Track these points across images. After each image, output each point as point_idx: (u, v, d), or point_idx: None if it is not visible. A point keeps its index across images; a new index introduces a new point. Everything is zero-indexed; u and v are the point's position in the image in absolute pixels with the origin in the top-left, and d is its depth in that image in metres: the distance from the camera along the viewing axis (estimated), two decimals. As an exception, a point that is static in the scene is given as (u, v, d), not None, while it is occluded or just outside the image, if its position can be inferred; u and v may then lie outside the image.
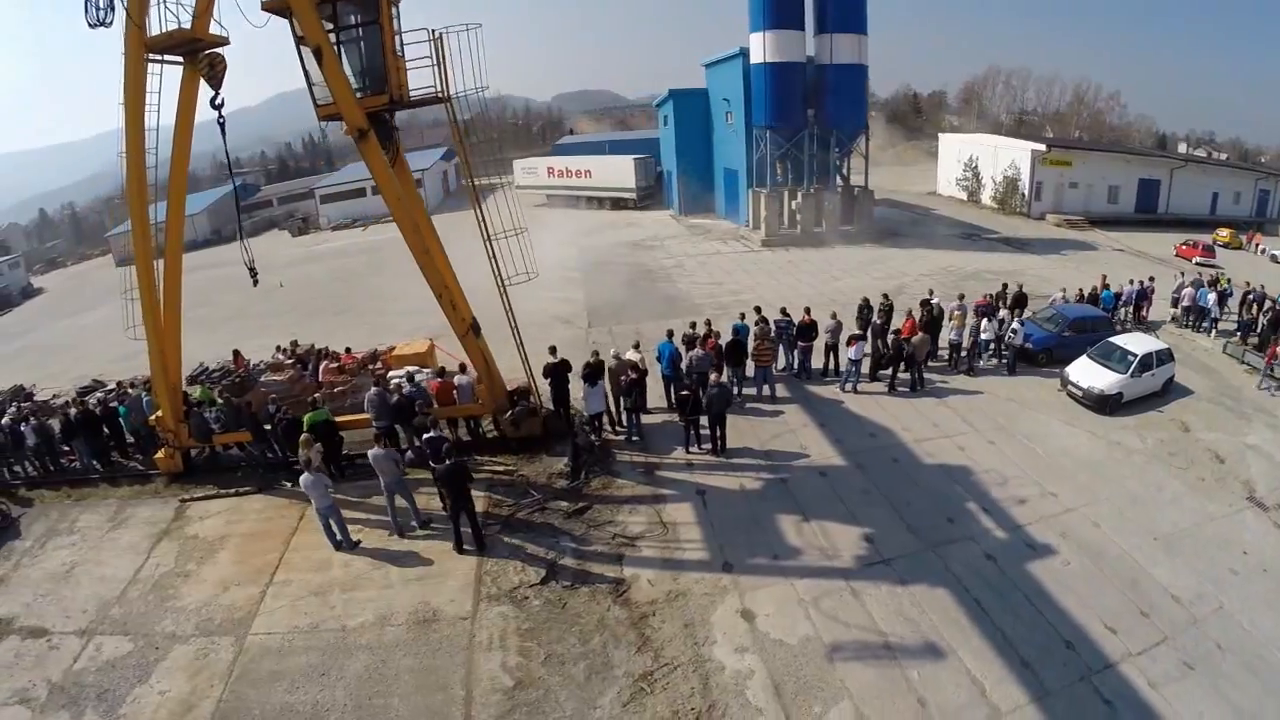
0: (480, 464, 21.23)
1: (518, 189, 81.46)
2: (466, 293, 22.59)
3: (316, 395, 24.84)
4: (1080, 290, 30.86)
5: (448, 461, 16.99)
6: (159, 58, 19.47)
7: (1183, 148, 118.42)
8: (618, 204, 69.16)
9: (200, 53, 19.63)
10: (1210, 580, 15.33)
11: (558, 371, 21.99)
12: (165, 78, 19.70)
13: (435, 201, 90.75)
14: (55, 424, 26.78)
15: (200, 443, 23.92)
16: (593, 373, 21.43)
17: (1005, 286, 29.94)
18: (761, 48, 48.23)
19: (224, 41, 19.50)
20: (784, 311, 25.75)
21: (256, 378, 29.14)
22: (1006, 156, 61.03)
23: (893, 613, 14.37)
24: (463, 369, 22.90)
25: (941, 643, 13.62)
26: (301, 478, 17.99)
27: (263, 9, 19.36)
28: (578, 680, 13.70)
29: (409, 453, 21.15)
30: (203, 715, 14.06)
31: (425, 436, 19.31)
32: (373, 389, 22.18)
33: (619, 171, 68.97)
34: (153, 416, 24.50)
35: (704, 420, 20.69)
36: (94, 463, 25.50)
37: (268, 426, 22.86)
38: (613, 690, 13.35)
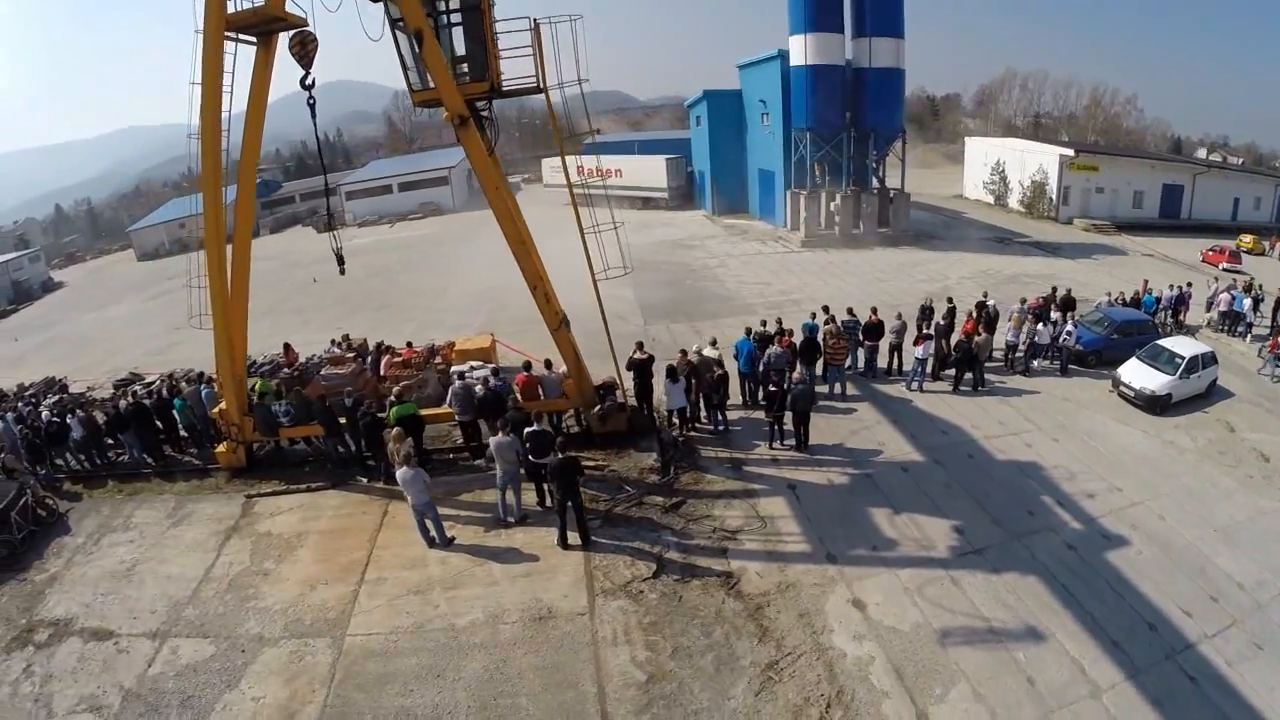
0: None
1: (546, 187, 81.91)
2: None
3: (402, 386, 24.49)
4: (1122, 294, 31.49)
5: (558, 455, 16.97)
6: (234, 36, 19.38)
7: (1201, 153, 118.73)
8: (648, 203, 69.42)
9: (274, 32, 19.79)
10: (1269, 569, 15.96)
11: (644, 367, 22.09)
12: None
13: (463, 200, 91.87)
14: (100, 416, 26.58)
15: (265, 437, 23.61)
16: (675, 368, 21.62)
17: (1054, 290, 30.45)
18: (802, 50, 48.59)
19: (302, 21, 19.35)
20: (850, 311, 26.28)
21: (312, 371, 29.11)
22: (1034, 161, 61.39)
23: (991, 599, 14.82)
24: (548, 365, 22.70)
25: (1039, 626, 14.11)
26: (399, 473, 17.70)
27: None
28: (708, 672, 13.75)
29: (490, 448, 21.07)
30: (307, 722, 13.96)
31: (528, 431, 18.78)
32: (457, 383, 22.05)
33: (651, 171, 69.28)
34: (215, 409, 24.24)
35: (787, 417, 21.08)
36: (145, 457, 25.19)
37: (342, 420, 22.47)
38: (743, 681, 13.47)
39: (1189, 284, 32.73)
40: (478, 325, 37.61)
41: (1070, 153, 58.61)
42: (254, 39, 19.70)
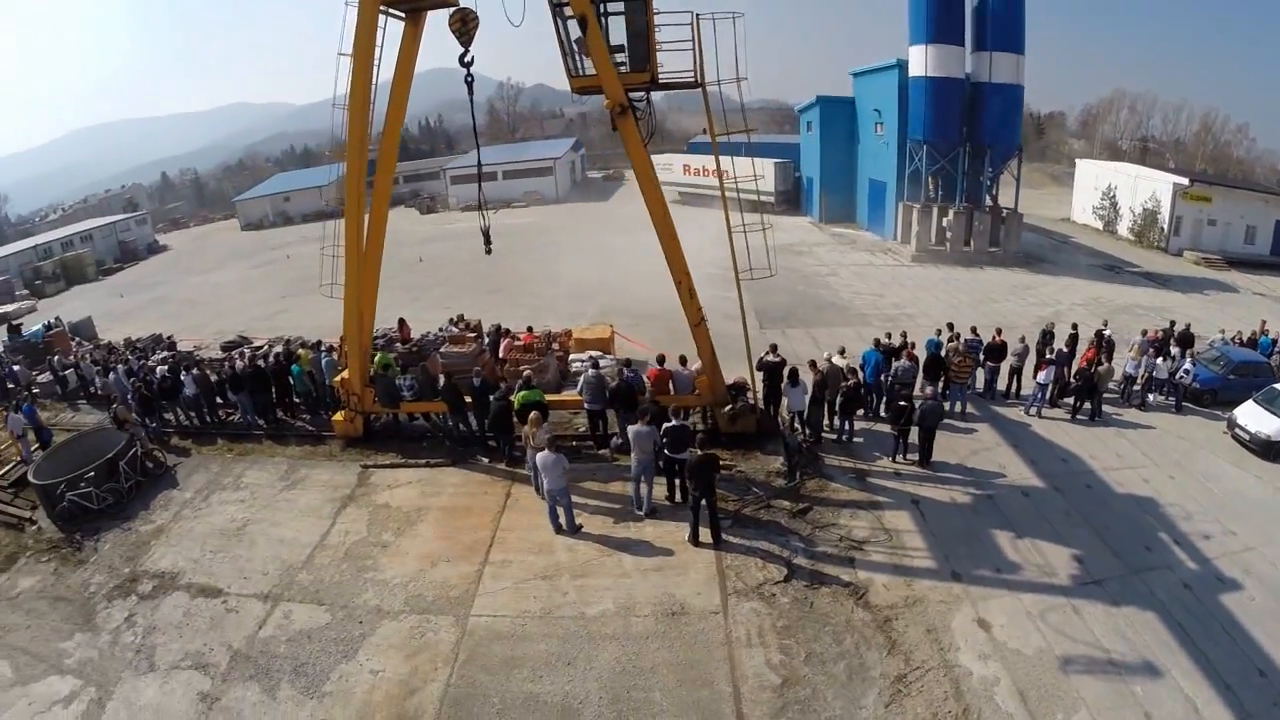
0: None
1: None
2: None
3: (534, 368, 25.03)
4: (1239, 333, 31.07)
5: (698, 452, 17.25)
6: (386, 10, 19.84)
7: None
8: (756, 206, 69.41)
9: (423, 9, 20.42)
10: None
11: (775, 370, 22.26)
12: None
13: (565, 190, 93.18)
14: (214, 375, 27.18)
15: (385, 409, 23.91)
16: (796, 371, 21.97)
17: (1173, 324, 30.29)
18: (923, 61, 48.23)
19: (453, 1, 19.71)
20: (974, 331, 26.46)
21: (430, 348, 29.37)
22: (1146, 188, 60.07)
23: (1111, 631, 14.84)
24: (683, 361, 22.81)
25: (1156, 662, 14.08)
26: (540, 456, 17.81)
27: None
28: (840, 680, 13.87)
29: (615, 439, 21.91)
30: (429, 700, 13.77)
31: (668, 426, 18.97)
32: (590, 371, 22.18)
33: (759, 174, 68.35)
34: (337, 378, 24.64)
35: (912, 431, 21.33)
36: (257, 419, 25.94)
37: (467, 399, 22.73)
38: (873, 691, 13.63)
39: (1312, 325, 31.98)
40: (591, 315, 37.92)
41: (1185, 181, 57.12)
42: (403, 14, 20.31)
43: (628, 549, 17.78)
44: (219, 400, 26.61)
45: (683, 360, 22.66)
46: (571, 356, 28.60)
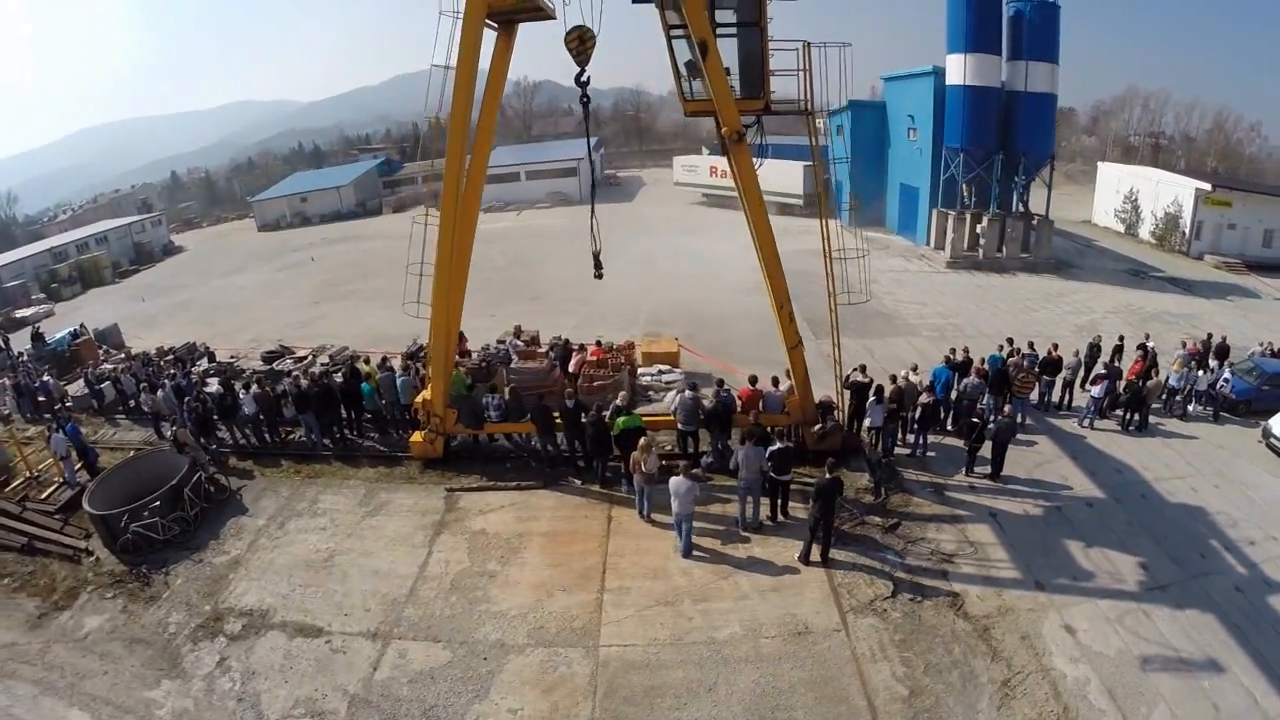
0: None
1: (676, 185, 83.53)
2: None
3: (616, 390, 25.32)
4: (1271, 344, 32.45)
5: (827, 475, 17.83)
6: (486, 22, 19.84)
7: None
8: (784, 209, 70.14)
9: (516, 21, 20.81)
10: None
11: (864, 390, 23.04)
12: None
13: (589, 191, 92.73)
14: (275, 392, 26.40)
15: (469, 430, 23.54)
16: (883, 389, 23.01)
17: (1209, 337, 31.89)
18: (961, 70, 49.06)
19: (550, 15, 20.06)
20: (1031, 345, 28.04)
21: (494, 363, 29.45)
22: (1169, 192, 61.23)
23: (1178, 632, 16.09)
24: (775, 382, 23.19)
25: (1218, 659, 15.40)
26: (673, 482, 18.01)
27: None
28: (957, 688, 14.75)
29: (706, 457, 22.65)
30: (576, 736, 13.95)
31: (774, 449, 19.40)
32: (686, 393, 22.40)
33: (787, 177, 69.10)
34: (418, 398, 24.19)
35: (985, 446, 22.61)
36: (323, 439, 25.32)
37: (557, 419, 22.57)
38: (985, 696, 14.58)
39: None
40: (642, 323, 38.97)
41: (1207, 186, 58.31)
42: (496, 25, 20.55)
43: (742, 570, 18.21)
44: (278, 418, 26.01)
45: (775, 381, 23.16)
46: (640, 370, 29.47)
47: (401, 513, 21.45)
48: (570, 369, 28.00)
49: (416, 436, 23.75)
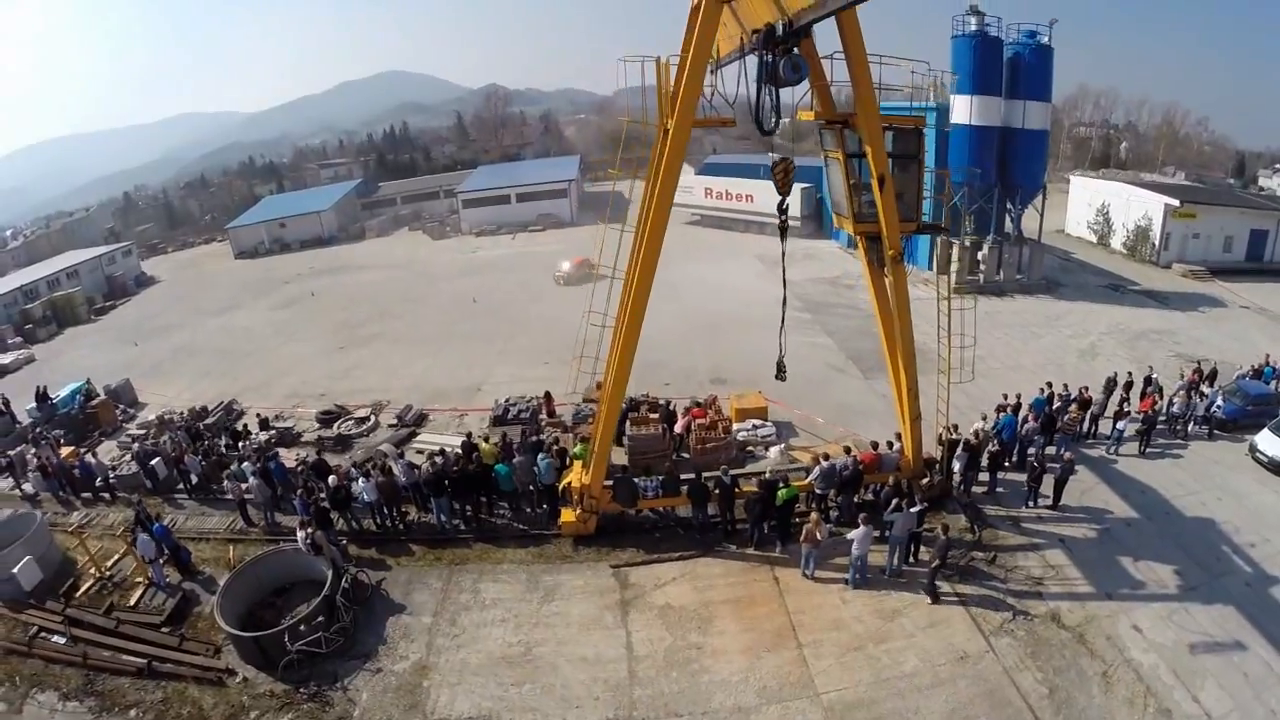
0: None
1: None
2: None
3: (728, 451, 28.50)
4: (1254, 367, 37.85)
5: (943, 536, 21.44)
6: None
7: (1264, 174, 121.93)
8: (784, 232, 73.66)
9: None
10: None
11: (954, 445, 26.13)
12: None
13: (578, 213, 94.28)
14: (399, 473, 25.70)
15: (624, 507, 24.28)
16: (968, 442, 26.24)
17: (1199, 364, 37.33)
18: (967, 111, 51.71)
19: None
20: (1065, 387, 32.23)
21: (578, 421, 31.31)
22: (1139, 207, 66.67)
23: (1211, 622, 20.35)
24: (890, 445, 25.82)
25: (1241, 640, 19.81)
26: (859, 531, 21.35)
27: (820, 121, 22.25)
28: (1076, 682, 18.57)
29: (834, 512, 25.03)
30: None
31: (912, 510, 22.21)
32: (825, 463, 24.45)
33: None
34: (568, 479, 24.88)
35: (1047, 481, 26.05)
36: (456, 522, 25.28)
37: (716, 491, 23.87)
38: (1094, 685, 18.49)
39: (1301, 354, 39.12)
40: (704, 371, 40.38)
41: (1176, 202, 63.09)
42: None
43: (901, 614, 20.99)
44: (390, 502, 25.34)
45: (890, 445, 25.77)
46: (735, 426, 30.94)
47: (577, 595, 21.99)
48: (677, 430, 29.65)
49: (568, 515, 24.13)
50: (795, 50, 17.42)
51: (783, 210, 21.01)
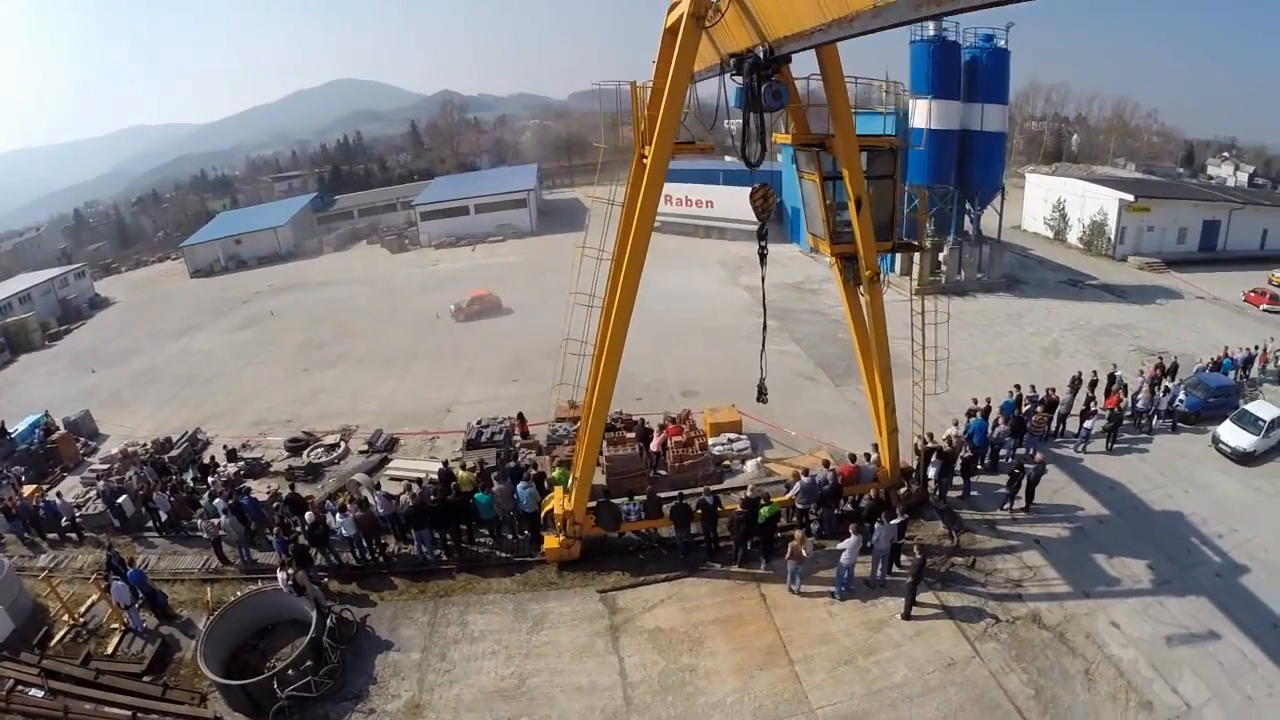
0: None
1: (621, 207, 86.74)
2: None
3: (704, 468, 29.26)
4: (1213, 359, 38.92)
5: (917, 554, 21.91)
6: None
7: (1212, 162, 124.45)
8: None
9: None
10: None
11: (930, 454, 26.41)
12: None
13: (536, 223, 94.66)
14: (351, 505, 25.14)
15: (607, 531, 23.99)
16: (942, 451, 26.52)
17: (1160, 359, 38.38)
18: (926, 114, 52.18)
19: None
20: (1033, 388, 32.99)
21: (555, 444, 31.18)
22: (1094, 203, 68.23)
23: (1185, 614, 21.21)
24: (867, 457, 26.09)
25: (1215, 629, 20.76)
26: (848, 542, 21.52)
27: (794, 144, 22.30)
28: (1060, 681, 19.17)
29: (815, 525, 25.21)
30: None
31: (894, 522, 22.56)
32: (805, 479, 24.59)
33: (746, 205, 70.41)
34: (550, 505, 24.74)
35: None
36: (438, 552, 24.84)
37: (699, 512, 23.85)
38: (1078, 683, 19.12)
39: (1257, 346, 40.99)
40: (674, 384, 40.07)
41: (1130, 197, 64.78)
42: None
43: (886, 625, 21.32)
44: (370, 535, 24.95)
45: (867, 456, 26.08)
46: (711, 441, 31.07)
47: (566, 622, 21.85)
48: (653, 448, 29.59)
49: (551, 541, 23.91)
50: (774, 76, 17.11)
51: (762, 236, 20.90)
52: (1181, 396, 33.38)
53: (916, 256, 52.68)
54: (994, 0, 8.70)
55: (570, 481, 24.14)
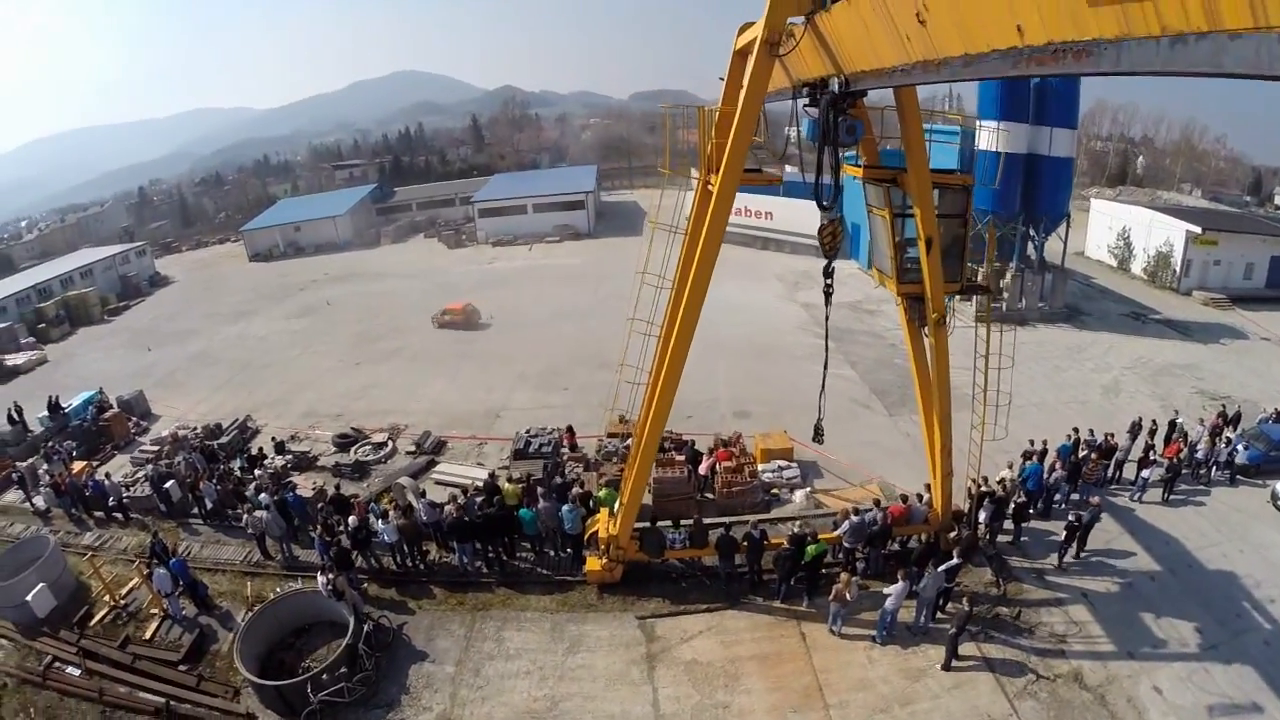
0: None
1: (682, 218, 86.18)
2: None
3: (754, 495, 29.02)
4: (1277, 409, 37.54)
5: (966, 608, 21.17)
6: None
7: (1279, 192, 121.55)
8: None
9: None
10: None
11: (983, 497, 25.85)
12: None
13: (595, 224, 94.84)
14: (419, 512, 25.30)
15: (650, 557, 23.83)
16: (995, 493, 26.14)
17: (1224, 407, 37.34)
18: (994, 137, 51.45)
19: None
20: (1091, 432, 31.63)
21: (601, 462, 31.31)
22: (1161, 233, 66.49)
23: (1229, 683, 20.49)
24: (919, 498, 25.73)
25: (1259, 702, 20.03)
26: (896, 587, 21.42)
27: (865, 179, 21.60)
28: None
29: (862, 563, 24.95)
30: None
31: (944, 567, 22.20)
32: (855, 518, 24.17)
33: (805, 217, 65.54)
34: (595, 527, 24.54)
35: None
36: (480, 565, 24.92)
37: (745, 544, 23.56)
38: None
39: (1325, 396, 39.22)
40: (724, 402, 40.13)
41: (1198, 229, 62.93)
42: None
43: (925, 675, 21.06)
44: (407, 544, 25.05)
45: (919, 497, 25.65)
46: (761, 467, 30.85)
47: (603, 647, 21.75)
48: (701, 471, 29.48)
49: (593, 563, 23.76)
50: (850, 109, 16.92)
51: (828, 274, 20.58)
52: (1241, 448, 32.64)
53: (978, 277, 52.36)
54: (1090, 70, 8.54)
55: (617, 505, 24.18)
